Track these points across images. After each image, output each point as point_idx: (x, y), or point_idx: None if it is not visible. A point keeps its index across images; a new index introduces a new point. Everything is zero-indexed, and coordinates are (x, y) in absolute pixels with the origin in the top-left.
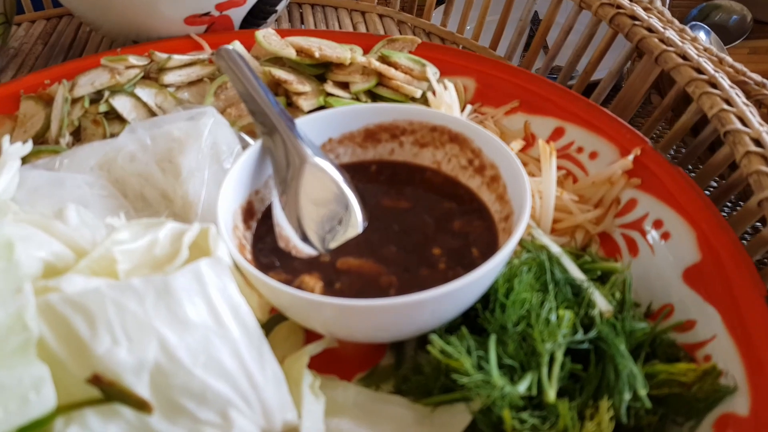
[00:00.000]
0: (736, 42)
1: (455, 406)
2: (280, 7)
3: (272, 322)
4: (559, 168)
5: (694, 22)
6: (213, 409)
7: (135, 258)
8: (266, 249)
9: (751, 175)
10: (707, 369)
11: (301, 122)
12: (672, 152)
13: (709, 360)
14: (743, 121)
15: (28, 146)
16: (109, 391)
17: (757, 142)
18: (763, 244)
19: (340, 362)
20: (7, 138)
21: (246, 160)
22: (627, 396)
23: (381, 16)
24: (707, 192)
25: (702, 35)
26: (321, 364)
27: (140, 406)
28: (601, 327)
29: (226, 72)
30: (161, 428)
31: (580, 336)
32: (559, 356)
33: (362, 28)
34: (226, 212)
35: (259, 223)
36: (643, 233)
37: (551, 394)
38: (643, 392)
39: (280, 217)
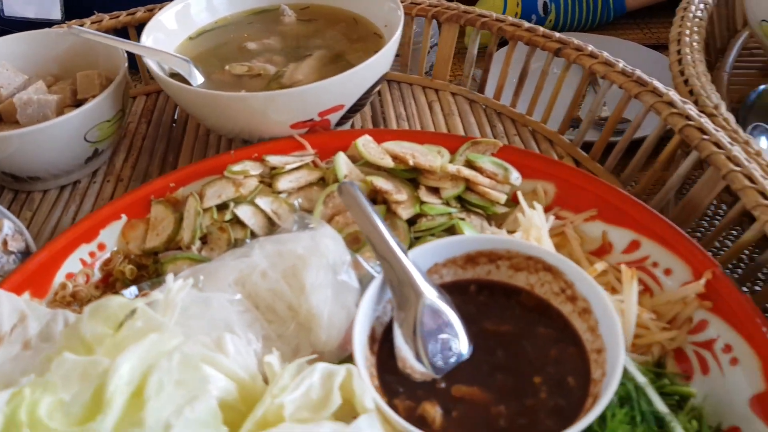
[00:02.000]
0: None
1: None
2: (367, 103)
3: None
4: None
5: (756, 123)
6: None
7: (296, 405)
8: (388, 373)
9: None
10: None
11: (413, 254)
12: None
13: None
14: None
15: (188, 284)
16: None
17: None
18: None
19: None
20: (170, 276)
21: (371, 294)
22: None
23: (453, 95)
24: None
25: (764, 141)
26: None
27: None
28: None
29: (348, 206)
30: None
31: None
32: None
33: (436, 107)
34: (361, 351)
35: (380, 348)
36: (714, 355)
37: None
38: None
39: (399, 340)
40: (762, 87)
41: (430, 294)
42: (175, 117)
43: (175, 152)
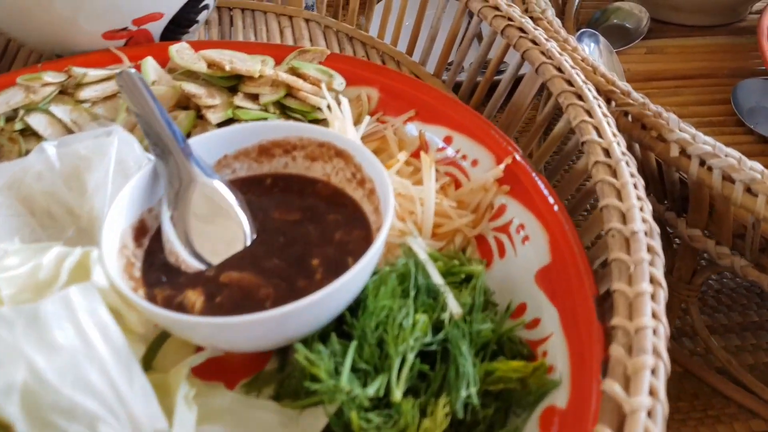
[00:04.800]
0: (635, 42)
1: (317, 408)
2: (202, 17)
3: (163, 335)
4: (446, 174)
5: (585, 30)
6: (82, 424)
7: (19, 283)
8: (156, 265)
9: (597, 184)
10: (536, 365)
11: (194, 141)
12: (550, 160)
13: (546, 356)
14: (599, 131)
15: None
16: None
17: (607, 152)
18: (603, 248)
19: (226, 371)
20: None
21: (138, 180)
22: (463, 393)
23: (307, 21)
24: (570, 199)
25: (590, 43)
26: (208, 372)
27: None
28: (449, 329)
29: (125, 94)
30: None
31: (429, 339)
32: (410, 358)
33: (288, 33)
34: (112, 233)
35: (152, 240)
36: (510, 236)
37: (397, 394)
38: (473, 390)
39: (170, 233)
40: (606, 6)
41: (207, 178)
42: None
43: None
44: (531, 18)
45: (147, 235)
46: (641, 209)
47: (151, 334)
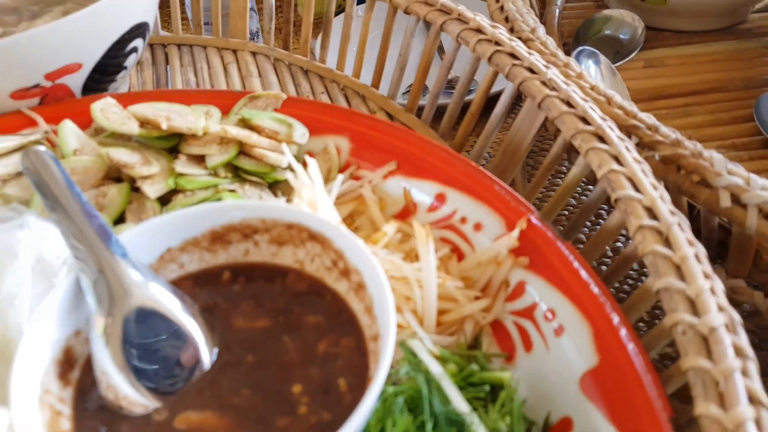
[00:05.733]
0: (631, 56)
1: None
2: (130, 62)
3: None
4: (443, 241)
5: (582, 48)
6: None
7: None
8: (90, 410)
9: (647, 256)
10: None
11: (127, 238)
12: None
13: None
14: (635, 185)
15: None
16: None
17: (651, 213)
18: (657, 340)
19: None
20: None
21: (58, 296)
22: None
23: (254, 54)
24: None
25: (589, 64)
26: None
27: None
28: None
29: (32, 183)
30: None
31: None
32: None
33: (233, 70)
34: (26, 379)
35: (82, 373)
36: (536, 324)
37: None
38: None
39: (104, 362)
40: (595, 15)
41: (146, 289)
42: None
43: None
44: (520, 39)
45: (75, 366)
46: (712, 291)
47: None
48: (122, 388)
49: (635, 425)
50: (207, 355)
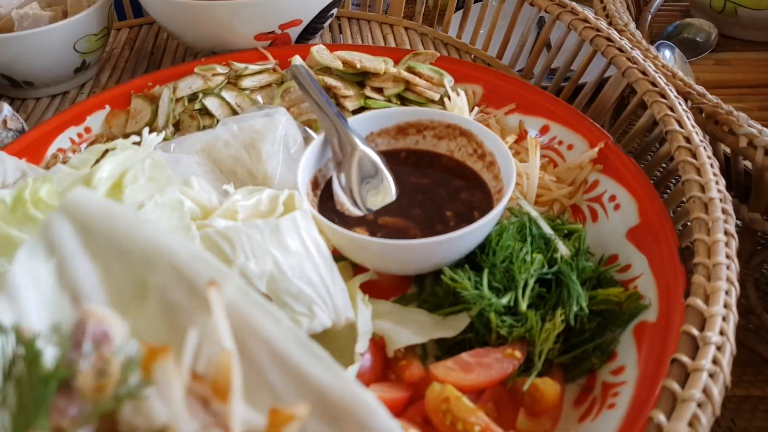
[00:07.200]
0: (704, 54)
1: (459, 314)
2: (326, 24)
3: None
4: (543, 156)
5: (661, 41)
6: (304, 305)
7: (247, 211)
8: (328, 210)
9: (680, 164)
10: (631, 293)
11: (351, 120)
12: (634, 147)
13: (636, 289)
14: (680, 123)
15: (161, 136)
16: None
17: (687, 140)
18: (684, 214)
19: (379, 290)
20: (146, 130)
21: (313, 148)
22: (575, 307)
23: (406, 29)
24: (655, 177)
25: (666, 53)
26: (365, 291)
27: None
28: (561, 265)
29: (297, 83)
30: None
31: (545, 270)
32: (531, 283)
33: (390, 39)
34: (303, 184)
35: (322, 192)
36: (602, 204)
37: (523, 305)
38: (584, 303)
39: (337, 188)
40: (678, 22)
41: (365, 146)
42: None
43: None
44: (615, 29)
45: (319, 188)
46: (717, 182)
47: None
48: (347, 203)
49: (657, 252)
50: (395, 191)
